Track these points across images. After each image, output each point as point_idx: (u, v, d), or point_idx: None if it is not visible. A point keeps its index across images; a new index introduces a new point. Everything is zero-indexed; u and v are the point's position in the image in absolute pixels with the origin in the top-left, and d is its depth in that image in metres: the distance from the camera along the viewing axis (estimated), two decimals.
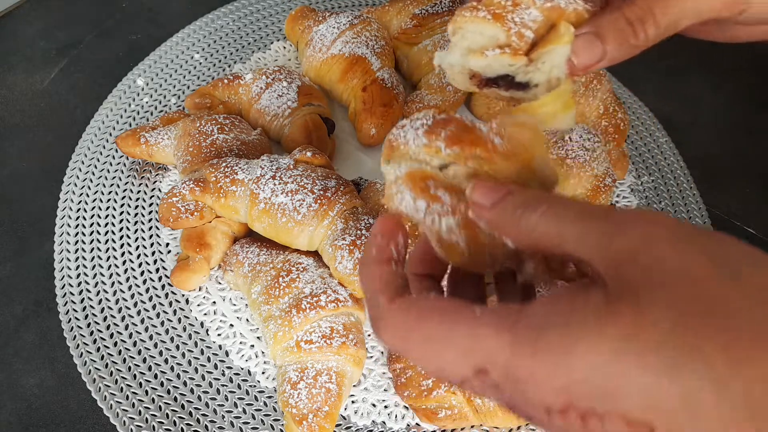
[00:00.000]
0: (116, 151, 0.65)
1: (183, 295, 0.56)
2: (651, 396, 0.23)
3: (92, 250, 0.58)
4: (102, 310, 0.54)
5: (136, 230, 0.60)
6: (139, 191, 0.62)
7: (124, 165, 0.64)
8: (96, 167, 0.64)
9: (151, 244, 0.59)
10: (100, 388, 0.50)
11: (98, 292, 0.56)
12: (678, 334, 0.23)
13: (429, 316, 0.27)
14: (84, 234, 0.59)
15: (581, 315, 0.25)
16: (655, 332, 0.23)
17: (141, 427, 0.48)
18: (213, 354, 0.53)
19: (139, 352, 0.52)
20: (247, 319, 0.55)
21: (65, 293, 0.55)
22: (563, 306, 0.25)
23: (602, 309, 0.24)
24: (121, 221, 0.60)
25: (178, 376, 0.52)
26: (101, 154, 0.65)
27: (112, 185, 0.63)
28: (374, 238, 0.33)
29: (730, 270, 0.24)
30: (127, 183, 0.63)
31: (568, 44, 0.36)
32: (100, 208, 0.61)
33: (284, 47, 0.77)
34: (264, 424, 0.50)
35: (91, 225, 0.60)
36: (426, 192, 0.34)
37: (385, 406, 0.51)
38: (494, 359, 0.25)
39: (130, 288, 0.56)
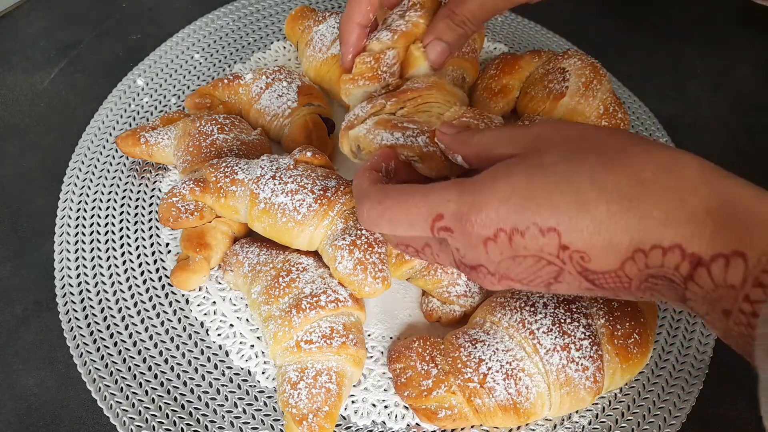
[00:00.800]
0: (116, 151, 0.65)
1: (183, 295, 0.56)
2: (554, 205, 0.32)
3: (92, 250, 0.58)
4: (102, 310, 0.54)
5: (136, 230, 0.60)
6: (139, 191, 0.62)
7: (124, 165, 0.64)
8: (96, 167, 0.64)
9: (151, 244, 0.59)
10: (100, 388, 0.50)
11: (98, 292, 0.56)
12: (570, 159, 0.33)
13: (399, 188, 0.38)
14: (84, 234, 0.59)
15: (505, 166, 0.35)
16: (553, 162, 0.33)
17: (141, 427, 0.48)
18: (213, 354, 0.53)
19: (139, 352, 0.52)
20: (247, 319, 0.55)
21: (65, 293, 0.55)
22: (495, 167, 0.36)
23: (518, 160, 0.35)
24: (121, 221, 0.60)
25: (178, 376, 0.52)
26: (101, 154, 0.65)
27: (112, 185, 0.63)
28: (372, 157, 0.45)
29: (597, 128, 0.36)
30: (127, 183, 0.63)
31: (424, 62, 0.52)
32: (100, 208, 0.61)
33: (284, 47, 0.77)
34: (264, 424, 0.50)
35: (91, 225, 0.60)
36: (396, 126, 0.47)
37: (385, 406, 0.51)
38: (447, 206, 0.35)
39: (130, 288, 0.56)
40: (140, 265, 0.58)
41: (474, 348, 0.48)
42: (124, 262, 0.58)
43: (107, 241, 0.59)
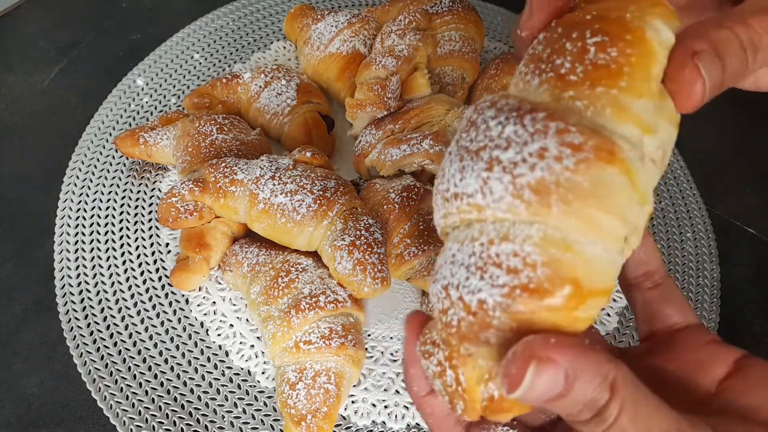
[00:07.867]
0: (116, 151, 0.65)
1: (183, 295, 0.56)
2: None
3: (92, 250, 0.58)
4: (102, 310, 0.55)
5: (136, 230, 0.60)
6: (139, 191, 0.63)
7: (124, 165, 0.64)
8: (96, 167, 0.64)
9: (151, 244, 0.59)
10: (100, 388, 0.50)
11: (98, 292, 0.56)
12: None
13: None
14: (84, 234, 0.59)
15: None
16: None
17: (141, 427, 0.49)
18: (213, 354, 0.53)
19: (139, 352, 0.52)
20: (247, 319, 0.55)
21: (65, 293, 0.55)
22: None
23: None
24: (121, 221, 0.60)
25: (178, 376, 0.52)
26: (101, 154, 0.65)
27: (112, 185, 0.63)
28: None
29: None
30: (127, 183, 0.63)
31: (427, 89, 0.59)
32: (100, 208, 0.61)
33: (284, 47, 0.77)
34: (264, 424, 0.50)
35: (91, 225, 0.60)
36: (401, 141, 0.55)
37: (385, 406, 0.51)
38: None
39: (130, 288, 0.56)
40: (140, 265, 0.58)
41: None
42: (124, 262, 0.58)
43: (107, 241, 0.59)
